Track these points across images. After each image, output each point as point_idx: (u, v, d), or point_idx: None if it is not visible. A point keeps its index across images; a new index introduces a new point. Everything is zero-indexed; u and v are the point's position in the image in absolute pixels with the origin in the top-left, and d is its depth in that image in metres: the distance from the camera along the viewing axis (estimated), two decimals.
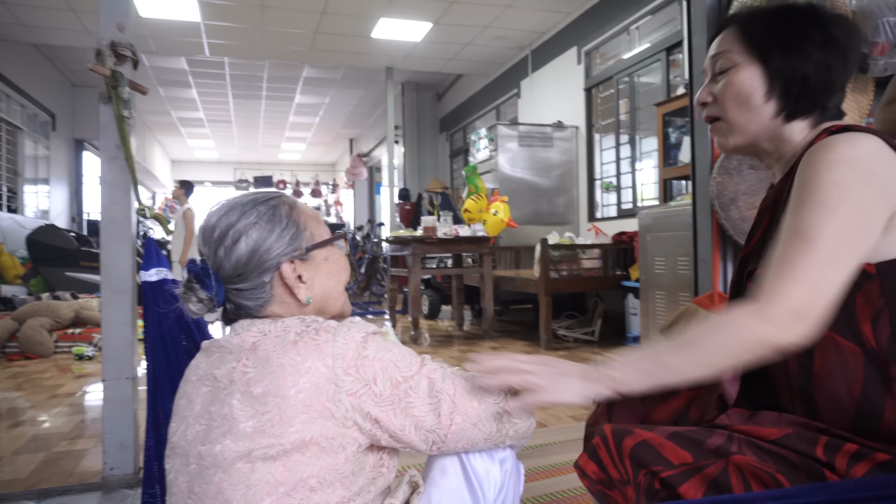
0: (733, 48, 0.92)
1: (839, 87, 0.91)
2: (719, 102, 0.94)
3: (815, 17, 0.89)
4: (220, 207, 0.92)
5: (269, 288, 0.89)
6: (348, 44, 7.46)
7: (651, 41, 5.49)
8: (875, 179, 0.78)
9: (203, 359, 0.91)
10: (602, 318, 4.84)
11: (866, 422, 0.80)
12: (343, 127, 13.16)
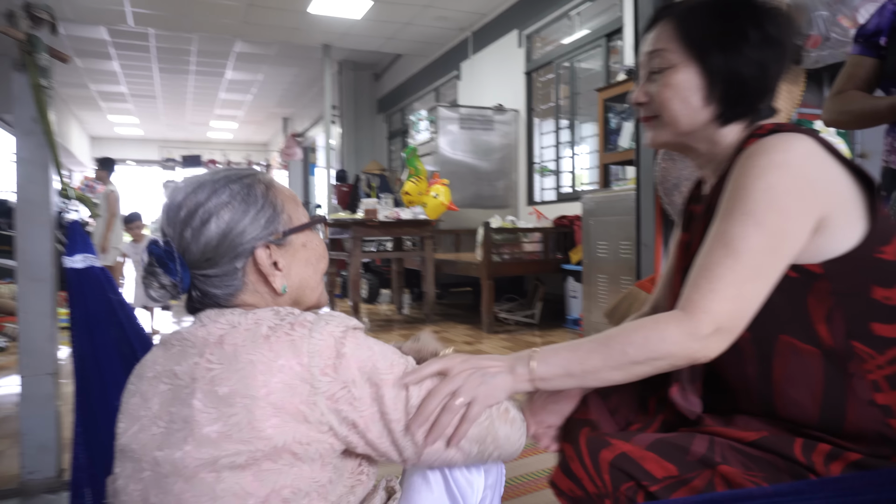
0: (670, 46, 0.89)
1: (773, 87, 0.90)
2: (656, 102, 0.91)
3: (752, 13, 0.87)
4: (187, 184, 0.82)
5: (240, 275, 0.80)
6: (284, 18, 7.17)
7: (591, 27, 5.54)
8: (805, 184, 0.78)
9: (161, 353, 0.81)
10: (542, 301, 4.90)
11: (830, 423, 0.80)
12: (277, 105, 12.73)
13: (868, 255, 0.80)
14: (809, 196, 0.78)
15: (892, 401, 0.78)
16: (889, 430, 0.78)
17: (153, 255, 0.79)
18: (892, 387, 0.78)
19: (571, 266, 4.55)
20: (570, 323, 4.67)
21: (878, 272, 0.80)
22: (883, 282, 0.80)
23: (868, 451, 0.78)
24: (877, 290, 0.79)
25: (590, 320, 3.62)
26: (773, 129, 0.85)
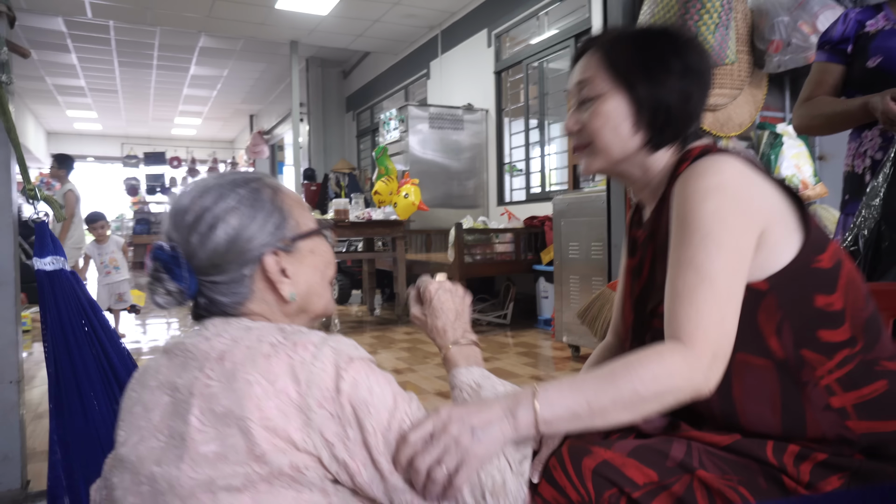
0: (598, 76, 0.92)
1: (698, 113, 0.93)
2: (587, 130, 0.94)
3: (673, 44, 0.91)
4: (193, 188, 0.80)
5: (248, 282, 0.78)
6: (250, 13, 7.04)
7: (560, 28, 5.58)
8: (744, 202, 0.82)
9: (164, 362, 0.78)
10: (514, 302, 4.93)
11: (793, 431, 0.83)
12: (243, 102, 12.51)
13: (806, 265, 0.84)
14: (749, 213, 0.82)
15: (846, 402, 0.81)
16: (848, 431, 0.81)
17: (159, 261, 0.76)
18: (844, 389, 0.81)
19: (542, 266, 4.59)
20: (542, 323, 4.71)
21: (818, 280, 0.84)
22: (824, 289, 0.83)
23: (832, 451, 0.81)
24: (819, 297, 0.83)
25: (562, 320, 3.65)
26: (701, 152, 0.89)
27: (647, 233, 0.96)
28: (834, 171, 3.06)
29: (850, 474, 0.80)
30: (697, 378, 0.77)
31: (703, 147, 0.91)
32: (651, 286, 0.94)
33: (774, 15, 2.84)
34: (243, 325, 0.76)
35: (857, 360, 0.82)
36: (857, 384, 0.82)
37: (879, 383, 0.82)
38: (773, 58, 2.91)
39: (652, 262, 0.94)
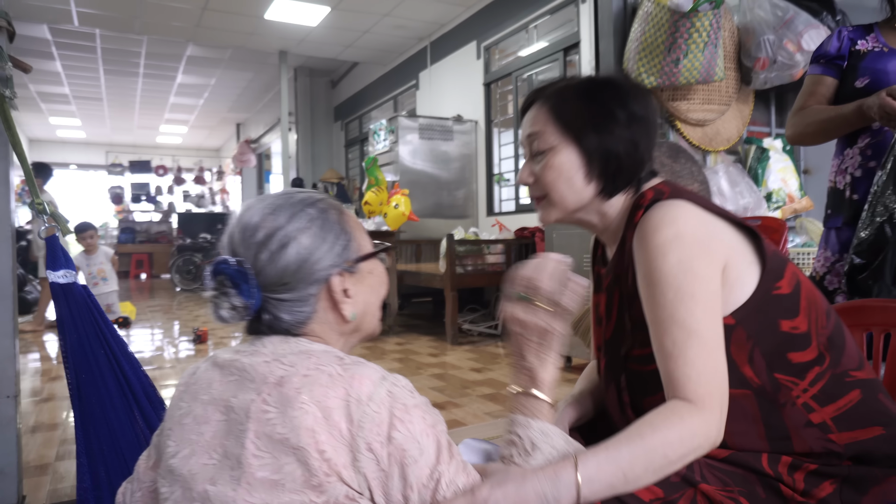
0: (547, 129, 0.94)
1: (647, 158, 0.96)
2: (542, 183, 0.97)
3: (617, 94, 0.94)
4: (261, 205, 0.80)
5: (312, 301, 0.79)
6: (239, 23, 7.05)
7: (549, 40, 5.65)
8: (703, 246, 0.84)
9: (217, 376, 0.78)
10: None
11: (782, 451, 0.86)
12: (230, 111, 12.48)
13: (768, 293, 0.87)
14: (710, 255, 0.85)
15: (825, 417, 0.85)
16: (833, 444, 0.85)
17: (225, 275, 0.76)
18: (821, 405, 0.85)
19: None
20: None
21: (781, 306, 0.87)
22: (787, 314, 0.87)
23: (822, 462, 0.85)
24: (784, 323, 0.86)
25: None
26: (653, 198, 0.91)
27: (612, 276, 0.98)
28: (819, 185, 3.14)
29: (841, 480, 0.84)
30: (714, 433, 0.80)
31: (655, 191, 0.93)
32: (621, 332, 0.96)
33: (761, 33, 2.91)
34: (302, 349, 0.76)
35: (827, 376, 0.86)
36: (833, 398, 0.86)
37: (853, 394, 0.87)
38: (759, 75, 2.98)
39: (619, 308, 0.97)
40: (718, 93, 2.92)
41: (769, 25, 2.90)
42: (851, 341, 0.92)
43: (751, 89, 3.12)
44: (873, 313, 1.14)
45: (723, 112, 2.97)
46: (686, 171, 2.82)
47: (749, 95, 3.14)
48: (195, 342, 4.90)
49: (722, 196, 2.90)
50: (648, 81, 2.65)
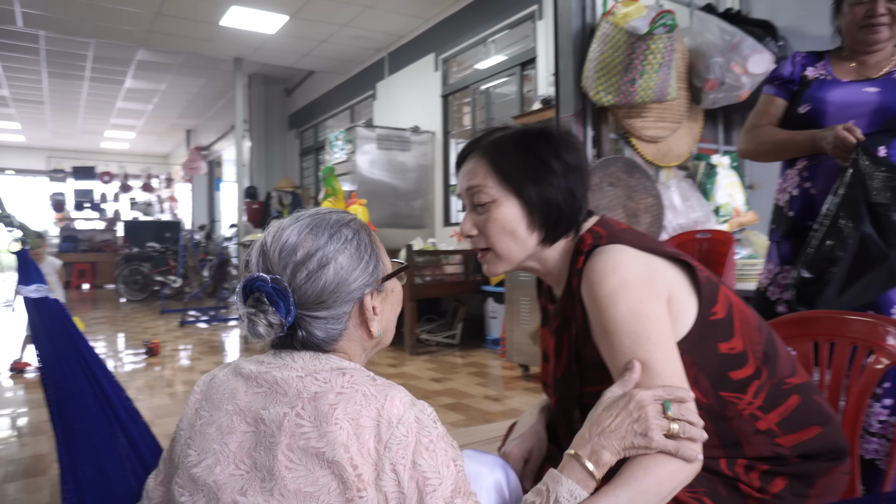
0: (488, 182, 0.97)
1: (584, 204, 1.00)
2: (486, 235, 0.99)
3: (552, 146, 0.97)
4: (297, 224, 0.82)
5: (345, 319, 0.82)
6: (193, 29, 6.92)
7: (507, 55, 5.76)
8: (648, 288, 0.89)
9: (242, 387, 0.79)
10: (463, 322, 4.99)
11: (735, 456, 0.93)
12: (180, 117, 12.18)
13: (706, 320, 0.92)
14: (655, 294, 0.89)
15: (770, 423, 0.92)
16: (780, 448, 0.92)
17: (262, 292, 0.77)
18: (765, 413, 0.92)
19: (491, 287, 4.68)
20: (490, 343, 4.79)
21: (717, 331, 0.93)
22: (723, 337, 0.93)
23: (772, 464, 0.92)
24: (721, 345, 0.92)
25: (512, 340, 3.74)
26: (592, 242, 0.95)
27: (561, 319, 1.01)
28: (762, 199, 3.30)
29: (790, 476, 0.92)
30: (697, 464, 0.84)
31: (592, 234, 0.97)
32: (570, 371, 1.00)
33: (710, 56, 3.05)
34: (335, 366, 0.79)
35: (767, 387, 0.93)
36: (775, 405, 0.93)
37: (792, 399, 0.94)
38: (708, 95, 3.13)
39: (569, 350, 1.00)
40: (671, 111, 3.05)
41: (718, 49, 3.04)
42: (783, 350, 0.99)
43: (700, 108, 3.26)
44: (819, 324, 1.22)
45: (675, 130, 3.09)
46: (641, 186, 2.93)
47: (699, 114, 3.29)
48: (147, 355, 4.75)
49: (674, 210, 3.02)
50: (606, 99, 2.75)
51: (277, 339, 0.82)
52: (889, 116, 1.70)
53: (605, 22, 2.70)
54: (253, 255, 0.83)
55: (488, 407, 3.22)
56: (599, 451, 0.81)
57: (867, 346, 1.10)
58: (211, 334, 6.03)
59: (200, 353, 5.00)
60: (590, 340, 0.94)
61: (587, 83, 2.81)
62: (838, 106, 1.75)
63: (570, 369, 1.00)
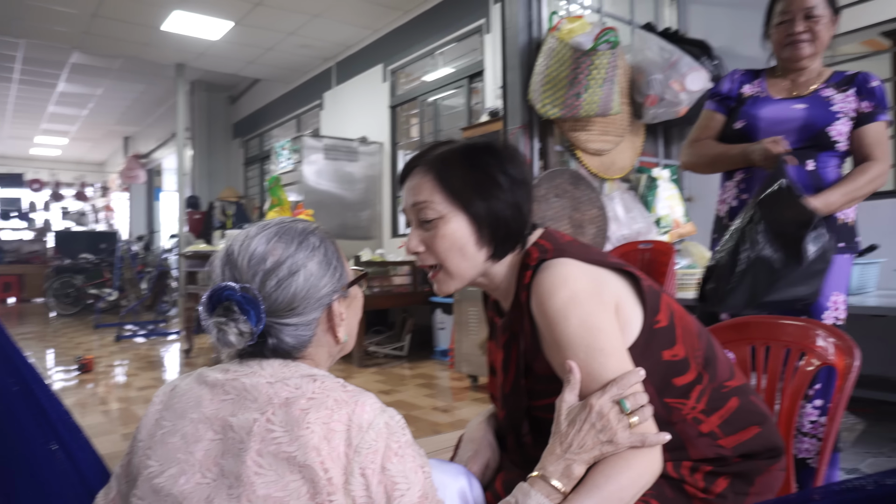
0: (434, 198, 0.96)
1: (529, 218, 1.00)
2: (434, 252, 0.98)
3: (497, 160, 0.97)
4: (265, 232, 0.82)
5: (314, 325, 0.83)
6: (133, 33, 6.70)
7: (454, 67, 5.82)
8: (596, 300, 0.91)
9: (208, 394, 0.78)
10: (411, 333, 4.97)
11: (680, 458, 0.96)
12: (117, 123, 11.73)
13: (651, 328, 0.95)
14: (603, 305, 0.91)
15: (713, 426, 0.96)
16: (722, 449, 0.96)
17: (232, 301, 0.77)
18: (707, 416, 0.96)
19: (439, 299, 4.69)
20: (439, 354, 4.79)
21: (661, 339, 0.96)
22: (666, 345, 0.96)
23: (715, 465, 0.96)
24: (665, 353, 0.95)
25: (461, 351, 3.75)
26: (539, 257, 0.96)
27: (508, 334, 1.02)
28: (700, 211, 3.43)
29: (732, 476, 0.96)
30: (657, 466, 0.87)
31: (539, 248, 0.98)
32: (518, 386, 1.01)
33: (650, 73, 3.17)
34: (305, 373, 0.79)
35: (709, 391, 0.96)
36: (716, 408, 0.96)
37: (731, 401, 0.98)
38: (649, 110, 3.24)
39: (517, 365, 1.00)
40: (614, 125, 3.14)
41: (657, 66, 3.16)
42: (722, 354, 1.03)
43: (642, 123, 3.37)
44: (755, 329, 1.27)
45: (618, 143, 3.19)
46: (586, 198, 3.00)
47: (640, 129, 3.40)
48: (79, 371, 4.52)
49: (618, 221, 3.10)
50: (552, 112, 2.81)
51: (246, 348, 0.81)
52: (814, 132, 1.81)
53: (551, 37, 2.76)
54: (217, 264, 0.83)
55: (437, 418, 3.21)
56: (571, 466, 0.84)
57: (799, 349, 1.16)
58: (149, 349, 5.80)
59: (138, 368, 4.80)
60: (540, 354, 0.95)
61: (534, 96, 2.87)
62: (769, 122, 1.85)
63: (518, 384, 1.00)
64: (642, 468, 0.85)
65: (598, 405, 0.85)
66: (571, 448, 0.84)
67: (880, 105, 1.78)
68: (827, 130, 1.79)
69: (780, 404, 1.16)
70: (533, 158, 2.96)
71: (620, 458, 0.85)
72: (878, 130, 1.77)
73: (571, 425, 0.85)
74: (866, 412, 2.82)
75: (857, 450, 2.40)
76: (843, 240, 1.80)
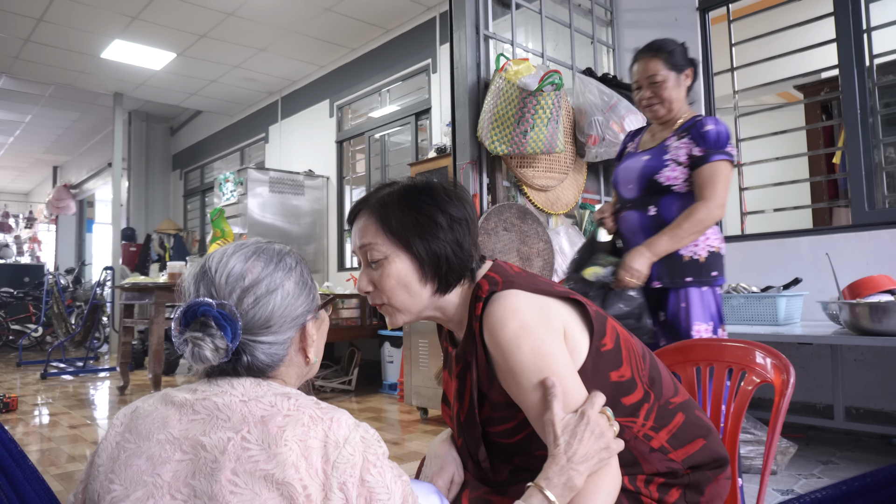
0: (377, 240, 1.01)
1: (473, 253, 1.05)
2: (382, 290, 1.03)
3: (435, 200, 1.01)
4: (243, 251, 0.84)
5: (287, 345, 0.85)
6: (69, 60, 6.52)
7: (401, 105, 5.93)
8: (545, 327, 0.96)
9: (175, 415, 0.77)
10: (358, 367, 4.93)
11: (636, 475, 1.02)
12: (46, 152, 11.25)
13: (597, 352, 1.00)
14: (553, 332, 0.96)
15: (662, 441, 1.02)
16: (673, 462, 1.02)
17: (209, 317, 0.77)
18: (657, 432, 1.02)
19: (388, 332, 4.68)
20: (387, 388, 4.75)
21: (608, 361, 1.01)
22: (613, 366, 1.02)
23: (667, 477, 1.02)
24: (613, 374, 1.01)
25: (410, 384, 3.74)
26: (489, 289, 1.01)
27: (463, 364, 1.05)
28: None
29: (684, 486, 1.02)
30: (619, 479, 0.92)
31: (489, 281, 1.02)
32: (471, 417, 1.05)
33: (591, 114, 3.34)
34: (278, 391, 0.79)
35: (656, 408, 1.03)
36: (664, 425, 1.03)
37: (678, 417, 1.05)
38: (591, 149, 3.40)
39: (471, 394, 1.04)
40: (559, 163, 3.28)
41: (598, 108, 3.34)
42: (665, 372, 1.10)
43: (584, 161, 3.53)
44: (700, 350, 1.36)
45: (562, 180, 3.33)
46: (533, 231, 3.11)
47: (583, 166, 3.56)
48: (2, 411, 4.24)
49: (563, 254, 3.21)
50: (501, 149, 2.92)
51: (216, 367, 0.82)
52: (648, 180, 2.02)
53: (499, 77, 2.89)
54: (190, 281, 0.84)
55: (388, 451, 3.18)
56: (573, 478, 0.87)
57: (741, 369, 1.25)
58: (78, 386, 5.49)
59: (67, 406, 4.54)
60: (496, 382, 1.00)
61: (482, 133, 2.97)
62: (622, 174, 2.12)
63: (472, 413, 1.04)
64: (610, 485, 0.90)
65: (593, 416, 0.90)
66: (576, 458, 0.87)
67: (712, 147, 1.90)
68: (656, 178, 1.99)
69: (724, 421, 1.25)
70: (481, 193, 3.05)
71: (592, 483, 0.89)
72: (708, 172, 1.89)
73: (573, 436, 0.88)
74: (797, 437, 2.99)
75: (791, 472, 2.54)
76: (691, 274, 1.94)
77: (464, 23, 3.05)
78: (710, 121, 1.95)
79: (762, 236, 3.32)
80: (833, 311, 2.57)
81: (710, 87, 3.53)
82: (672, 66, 2.01)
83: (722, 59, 3.58)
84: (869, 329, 2.22)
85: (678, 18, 3.66)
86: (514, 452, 1.04)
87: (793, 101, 3.85)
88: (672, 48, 2.03)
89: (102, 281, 6.43)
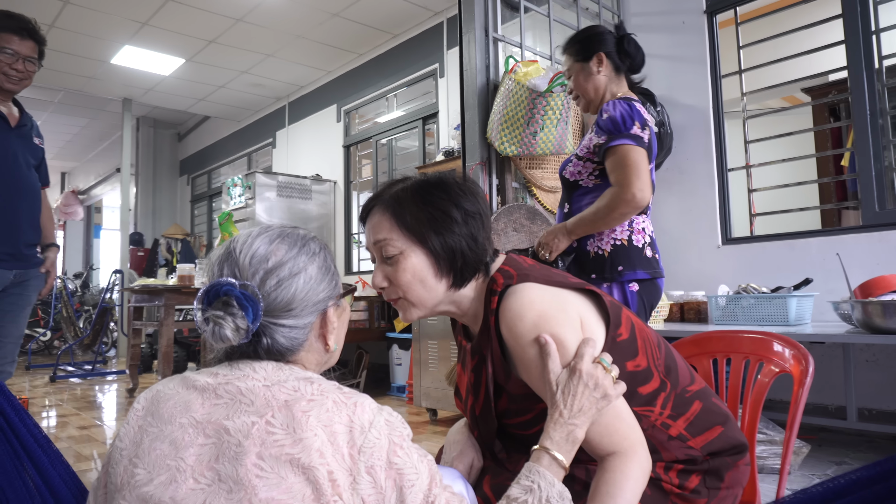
0: (392, 236, 1.02)
1: (488, 246, 1.05)
2: (397, 285, 1.03)
3: (449, 195, 1.02)
4: (267, 234, 0.84)
5: (307, 329, 0.84)
6: (79, 66, 6.58)
7: (407, 110, 5.96)
8: (564, 318, 0.96)
9: (198, 399, 0.76)
10: (366, 370, 4.93)
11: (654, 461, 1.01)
12: (56, 158, 11.32)
13: (613, 342, 1.01)
14: (571, 323, 0.97)
15: (680, 429, 1.03)
16: (692, 450, 1.03)
17: (231, 296, 0.77)
18: (674, 420, 1.03)
19: (396, 334, 4.68)
20: (395, 390, 4.76)
21: (624, 351, 1.01)
22: (630, 356, 1.02)
23: (686, 464, 1.03)
24: (629, 364, 1.02)
25: (420, 386, 3.75)
26: (504, 283, 1.02)
27: (479, 357, 1.06)
28: None
29: (703, 472, 1.03)
30: (648, 467, 0.92)
31: (503, 274, 1.03)
32: (489, 407, 1.06)
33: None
34: (301, 376, 0.79)
35: (672, 397, 1.04)
36: (681, 413, 1.04)
37: (695, 405, 1.05)
38: None
39: (487, 387, 1.05)
40: None
41: None
42: (681, 361, 1.11)
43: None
44: (716, 342, 1.36)
45: None
46: (542, 232, 3.11)
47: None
48: None
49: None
50: (510, 150, 2.93)
51: (236, 349, 0.81)
52: (562, 177, 2.01)
53: (508, 79, 2.91)
54: (214, 262, 0.84)
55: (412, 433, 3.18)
56: (573, 432, 0.89)
57: (758, 359, 1.25)
58: (87, 389, 5.52)
59: (77, 408, 4.56)
60: (513, 375, 1.00)
61: (492, 134, 2.99)
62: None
63: (488, 406, 1.05)
64: (638, 475, 0.90)
65: (585, 367, 0.91)
66: (573, 412, 0.89)
67: (612, 133, 1.79)
68: (564, 174, 1.98)
69: (742, 411, 1.25)
70: (491, 194, 3.06)
71: (619, 473, 0.89)
72: (611, 159, 1.80)
73: (566, 392, 0.90)
74: (810, 438, 2.98)
75: (804, 472, 2.53)
76: (594, 271, 1.87)
77: (473, 26, 3.07)
78: (607, 107, 1.86)
79: (772, 237, 3.32)
80: (845, 311, 2.57)
81: (718, 90, 3.54)
82: (576, 57, 1.99)
83: (730, 62, 3.59)
84: (882, 327, 2.22)
85: (685, 22, 3.67)
86: (532, 443, 1.05)
87: (797, 103, 3.85)
88: (576, 39, 2.01)
89: (111, 284, 6.46)
